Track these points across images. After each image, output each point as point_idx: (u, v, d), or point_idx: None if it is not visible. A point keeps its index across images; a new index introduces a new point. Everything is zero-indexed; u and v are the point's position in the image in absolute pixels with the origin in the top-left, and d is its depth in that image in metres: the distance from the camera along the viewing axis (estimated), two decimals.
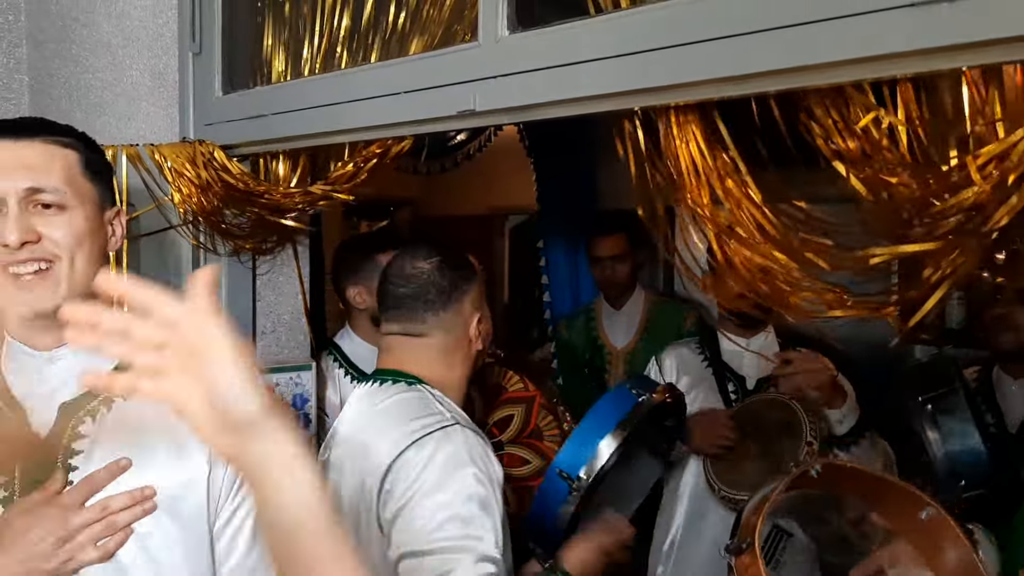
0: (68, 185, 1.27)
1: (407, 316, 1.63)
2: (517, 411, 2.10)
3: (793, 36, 1.13)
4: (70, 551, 1.21)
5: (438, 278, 1.62)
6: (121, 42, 2.30)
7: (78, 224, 1.26)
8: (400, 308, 1.63)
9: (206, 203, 1.89)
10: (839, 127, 1.18)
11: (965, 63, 0.99)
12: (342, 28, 1.85)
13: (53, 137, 1.29)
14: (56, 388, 1.30)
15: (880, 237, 1.11)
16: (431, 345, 1.63)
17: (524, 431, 2.10)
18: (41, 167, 1.25)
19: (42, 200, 1.24)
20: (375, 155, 1.93)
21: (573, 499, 1.72)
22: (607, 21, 1.36)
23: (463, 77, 1.55)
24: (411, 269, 1.64)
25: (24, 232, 1.21)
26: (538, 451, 2.12)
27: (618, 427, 1.78)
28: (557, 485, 1.74)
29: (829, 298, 1.14)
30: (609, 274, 3.21)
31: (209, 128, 2.08)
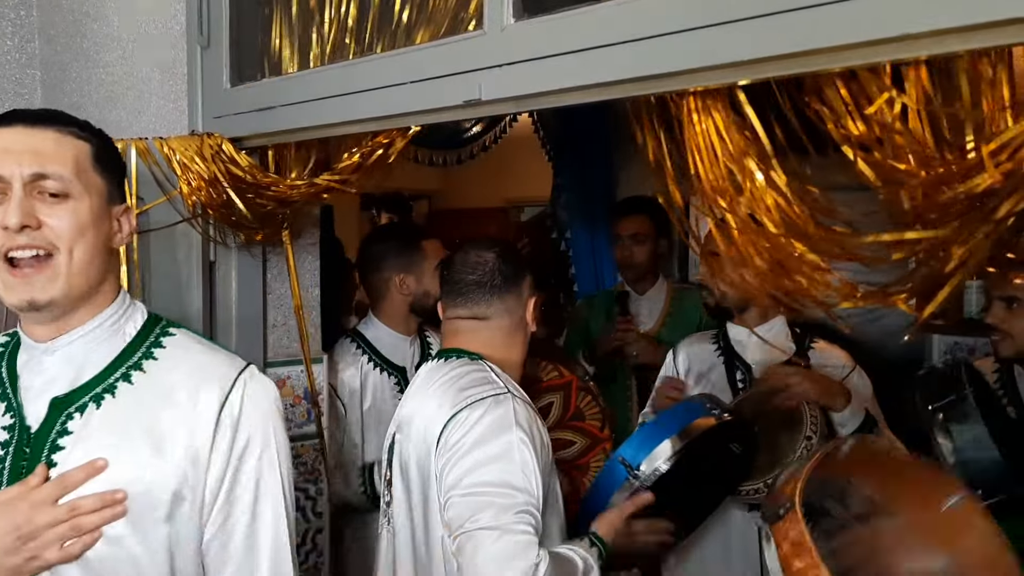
0: (76, 175, 1.26)
1: (474, 301, 1.80)
2: (556, 398, 2.15)
3: (806, 18, 1.11)
4: (34, 549, 1.20)
5: (502, 265, 1.80)
6: (131, 36, 2.30)
7: (81, 215, 1.25)
8: (467, 294, 1.80)
9: (215, 195, 1.89)
10: (850, 110, 1.16)
11: (978, 44, 0.97)
12: (349, 18, 1.84)
13: (68, 127, 1.29)
14: (51, 380, 1.29)
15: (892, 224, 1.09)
16: (495, 327, 1.80)
17: (565, 415, 2.15)
18: (50, 154, 1.24)
19: (47, 188, 1.23)
20: (381, 146, 1.92)
21: (628, 486, 1.82)
22: (613, 7, 1.34)
23: (469, 66, 1.54)
24: (477, 258, 1.81)
25: (25, 216, 1.20)
26: (581, 431, 2.16)
27: (682, 432, 1.88)
28: (616, 471, 1.85)
29: (842, 289, 1.12)
30: (629, 254, 3.21)
31: (218, 121, 2.08)
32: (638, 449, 1.85)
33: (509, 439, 1.58)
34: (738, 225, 1.31)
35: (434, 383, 1.75)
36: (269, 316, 2.27)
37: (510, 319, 1.81)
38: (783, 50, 1.14)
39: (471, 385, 1.67)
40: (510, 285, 1.80)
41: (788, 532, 1.34)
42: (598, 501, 1.85)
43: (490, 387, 1.66)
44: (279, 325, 2.30)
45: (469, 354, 1.77)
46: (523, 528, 1.51)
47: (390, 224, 4.34)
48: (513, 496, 1.53)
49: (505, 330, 1.81)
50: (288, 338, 2.31)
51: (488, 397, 1.63)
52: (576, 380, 2.18)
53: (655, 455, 1.84)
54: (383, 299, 2.57)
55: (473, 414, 1.61)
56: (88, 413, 1.27)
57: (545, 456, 1.64)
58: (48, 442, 1.26)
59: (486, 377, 1.70)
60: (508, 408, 1.62)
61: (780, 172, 1.28)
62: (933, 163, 1.02)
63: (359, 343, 2.57)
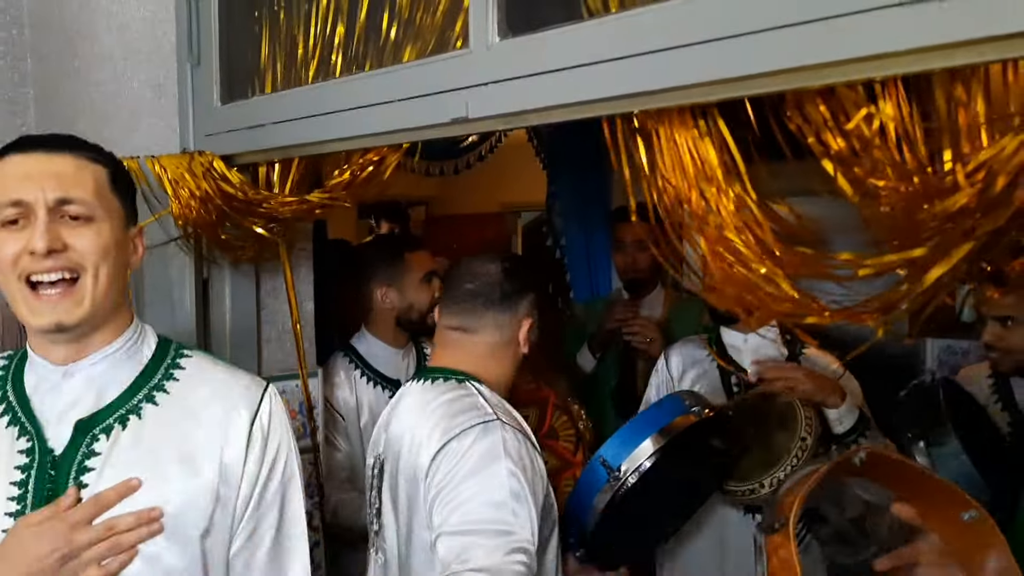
0: (97, 198, 1.29)
1: (466, 311, 1.76)
2: (531, 412, 2.11)
3: (783, 38, 1.12)
4: (73, 569, 1.22)
5: (502, 280, 1.76)
6: (122, 54, 2.31)
7: (105, 237, 1.29)
8: (462, 303, 1.77)
9: (205, 214, 1.90)
10: (829, 125, 1.17)
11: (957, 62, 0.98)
12: (336, 36, 1.85)
13: (85, 152, 1.32)
14: (72, 403, 1.31)
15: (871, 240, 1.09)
16: (483, 341, 1.76)
17: (539, 431, 2.11)
18: (71, 179, 1.27)
19: (70, 212, 1.26)
20: (372, 163, 1.93)
21: (609, 488, 1.79)
22: (598, 25, 1.35)
23: (455, 84, 1.55)
24: (479, 268, 1.79)
25: (52, 240, 1.23)
26: (553, 451, 2.13)
27: (663, 430, 1.86)
28: (597, 473, 1.82)
29: (811, 307, 1.13)
30: (631, 260, 3.20)
31: (209, 139, 2.09)
32: (619, 449, 1.83)
33: (498, 471, 1.54)
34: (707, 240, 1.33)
35: (426, 408, 1.71)
36: (263, 331, 2.28)
37: (500, 336, 1.77)
38: (763, 68, 1.15)
39: (460, 412, 1.64)
40: (505, 301, 1.76)
41: (779, 548, 1.35)
42: (581, 502, 1.83)
43: (477, 413, 1.62)
44: (273, 340, 2.31)
45: (456, 375, 1.74)
46: (514, 568, 1.46)
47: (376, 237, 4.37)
48: (503, 534, 1.49)
49: (493, 346, 1.77)
50: (283, 352, 2.32)
51: (476, 425, 1.59)
52: (553, 396, 2.16)
53: (636, 455, 1.81)
54: (370, 312, 2.58)
55: (462, 444, 1.57)
56: (115, 435, 1.30)
57: (538, 482, 1.60)
58: (75, 465, 1.28)
59: (474, 402, 1.66)
60: (496, 437, 1.58)
61: (751, 190, 1.29)
62: (911, 178, 1.03)
63: (352, 357, 2.58)
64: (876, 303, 1.03)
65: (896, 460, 1.54)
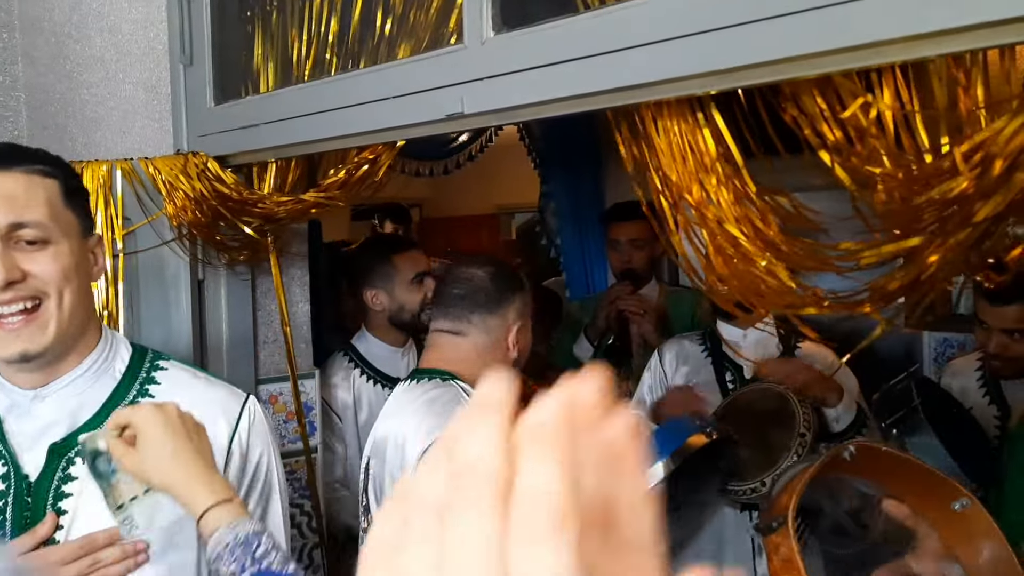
0: (52, 218, 1.20)
1: (455, 315, 1.79)
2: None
3: (776, 28, 1.12)
4: None
5: (489, 284, 1.79)
6: (114, 56, 2.30)
7: (64, 259, 1.21)
8: (450, 307, 1.80)
9: (200, 215, 1.89)
10: (825, 115, 1.17)
11: (951, 49, 0.98)
12: (330, 34, 1.84)
13: (33, 166, 1.22)
14: (45, 427, 1.26)
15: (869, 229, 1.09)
16: (471, 344, 1.78)
17: None
18: (22, 200, 1.18)
19: (25, 236, 1.18)
20: (367, 160, 1.93)
21: None
22: (592, 19, 1.35)
23: (450, 80, 1.54)
24: (466, 273, 1.81)
25: (9, 271, 1.15)
26: None
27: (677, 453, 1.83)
28: None
29: (808, 299, 1.13)
30: (627, 259, 3.18)
31: (202, 139, 2.08)
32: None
33: None
34: (708, 233, 1.32)
35: (408, 406, 1.74)
36: (260, 333, 2.28)
37: (488, 338, 1.79)
38: (757, 59, 1.15)
39: (443, 409, 1.66)
40: (492, 305, 1.79)
41: (779, 547, 1.35)
42: None
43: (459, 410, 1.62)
44: (270, 342, 2.30)
45: (440, 374, 1.77)
46: None
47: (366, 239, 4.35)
48: None
49: (481, 348, 1.79)
50: (279, 355, 2.31)
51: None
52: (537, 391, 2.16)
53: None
54: (367, 313, 2.58)
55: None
56: None
57: None
58: (52, 490, 1.23)
59: (456, 399, 1.69)
60: None
61: (750, 181, 1.28)
62: (908, 165, 1.02)
63: (352, 356, 2.58)
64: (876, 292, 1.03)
65: (886, 452, 1.54)
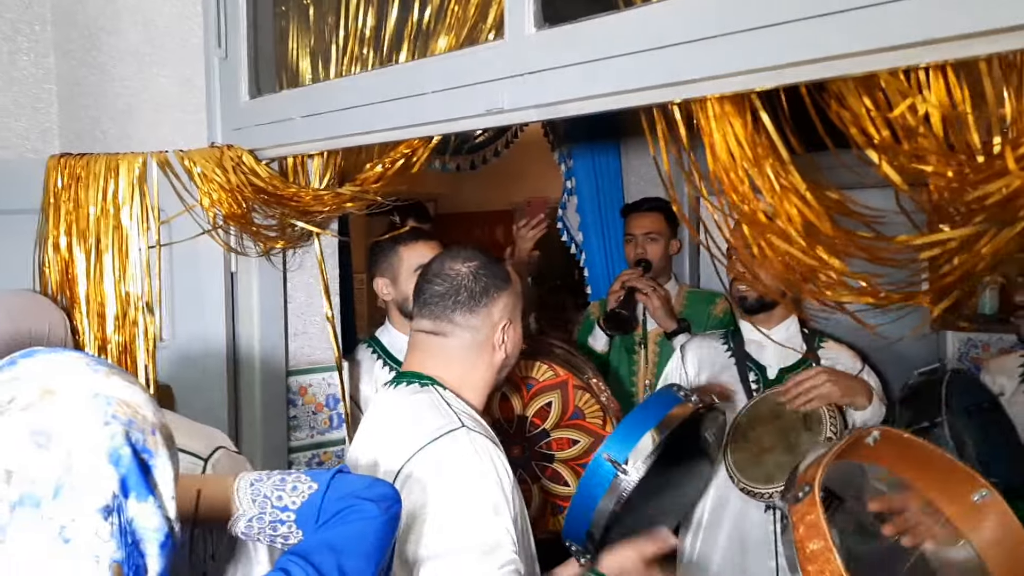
0: None
1: (436, 314, 1.65)
2: (554, 397, 2.13)
3: (822, 25, 1.13)
4: None
5: (471, 281, 1.64)
6: (148, 49, 2.32)
7: None
8: (430, 306, 1.66)
9: (235, 206, 1.91)
10: (871, 114, 1.17)
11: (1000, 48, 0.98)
12: (367, 29, 1.85)
13: None
14: None
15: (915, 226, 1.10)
16: (454, 345, 1.65)
17: (565, 414, 2.13)
18: None
19: None
20: (403, 155, 1.94)
21: (617, 483, 1.73)
22: (634, 15, 1.35)
23: (491, 75, 1.55)
24: (448, 269, 1.66)
25: None
26: (584, 430, 2.15)
27: (663, 423, 1.80)
28: (603, 468, 1.75)
29: (864, 290, 1.13)
30: (641, 252, 3.20)
31: (237, 132, 2.10)
32: (623, 444, 1.77)
33: (470, 485, 1.46)
34: (757, 228, 1.33)
35: (385, 415, 1.66)
36: (290, 325, 2.29)
37: (472, 338, 1.65)
38: (804, 56, 1.15)
39: (421, 421, 1.56)
40: (476, 303, 1.64)
41: (805, 515, 1.36)
42: (585, 504, 1.76)
43: (441, 422, 1.54)
44: (300, 334, 2.32)
45: (420, 379, 1.65)
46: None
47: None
48: (490, 550, 1.41)
49: (465, 349, 1.65)
50: (310, 346, 2.33)
51: (441, 436, 1.51)
52: (572, 378, 2.15)
53: (639, 449, 1.75)
54: (385, 304, 2.60)
55: (428, 461, 1.49)
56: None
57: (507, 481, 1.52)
58: None
59: (437, 409, 1.57)
60: (462, 446, 1.50)
61: (797, 176, 1.29)
62: (958, 163, 1.03)
63: (375, 348, 2.59)
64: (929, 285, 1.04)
65: (908, 439, 1.55)
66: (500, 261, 1.72)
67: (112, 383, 0.92)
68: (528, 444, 2.09)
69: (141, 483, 0.89)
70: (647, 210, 3.24)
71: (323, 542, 1.07)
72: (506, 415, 2.09)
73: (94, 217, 2.06)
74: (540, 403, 2.12)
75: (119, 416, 0.89)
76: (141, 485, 0.89)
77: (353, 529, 1.10)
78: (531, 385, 2.12)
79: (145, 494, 0.89)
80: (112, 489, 0.87)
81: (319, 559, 1.03)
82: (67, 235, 2.06)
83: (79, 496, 0.85)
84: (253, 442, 2.24)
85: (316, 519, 1.12)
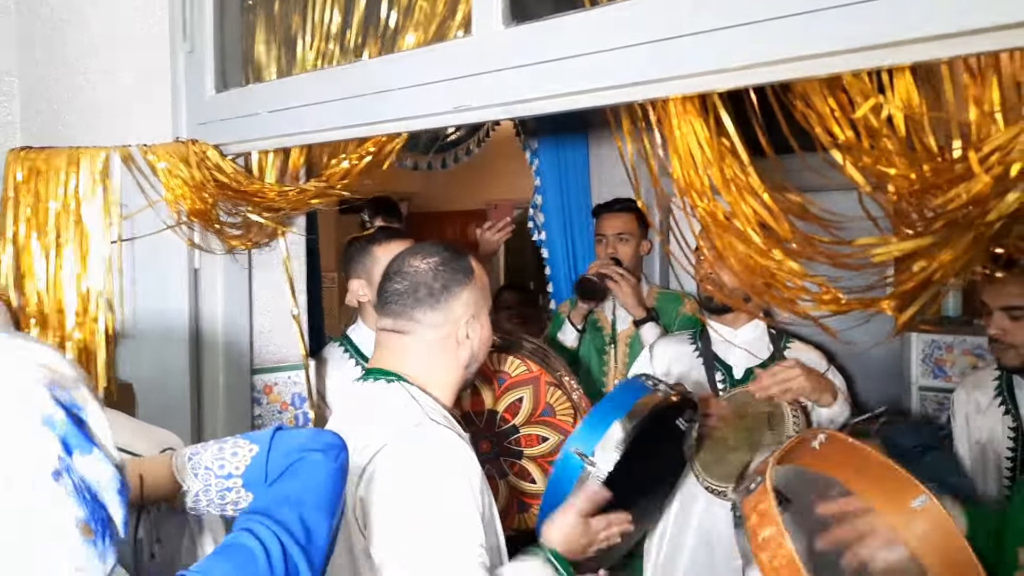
0: None
1: (396, 312, 1.63)
2: (526, 393, 2.12)
3: (789, 26, 1.13)
4: None
5: (430, 278, 1.62)
6: (112, 42, 2.28)
7: None
8: (392, 303, 1.64)
9: (199, 202, 1.88)
10: (836, 115, 1.18)
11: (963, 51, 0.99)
12: (334, 24, 1.84)
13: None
14: None
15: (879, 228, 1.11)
16: (417, 342, 1.63)
17: (536, 411, 2.13)
18: None
19: None
20: (370, 152, 1.92)
21: (585, 475, 1.72)
22: (602, 14, 1.35)
23: (458, 73, 1.54)
24: (407, 267, 1.64)
25: None
26: (554, 427, 2.15)
27: (632, 412, 1.79)
28: (571, 464, 1.74)
29: (823, 296, 1.13)
30: (612, 252, 3.20)
31: (202, 127, 2.07)
32: (589, 436, 1.77)
33: (434, 477, 1.45)
34: (718, 229, 1.33)
35: (351, 413, 1.64)
36: (256, 323, 2.27)
37: (435, 334, 1.62)
38: (766, 58, 1.15)
39: (387, 417, 1.55)
40: (436, 299, 1.62)
41: (757, 504, 1.40)
42: (557, 499, 1.75)
43: (406, 418, 1.53)
44: (265, 332, 2.29)
45: (387, 375, 1.63)
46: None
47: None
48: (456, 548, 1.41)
49: (428, 346, 1.63)
50: (275, 345, 2.30)
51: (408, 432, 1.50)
52: (544, 374, 2.14)
53: (607, 440, 1.74)
54: (359, 304, 2.58)
55: (393, 459, 1.48)
56: None
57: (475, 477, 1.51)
58: None
59: (403, 404, 1.56)
60: (429, 442, 1.49)
61: (755, 177, 1.29)
62: (921, 166, 1.04)
63: (346, 346, 2.57)
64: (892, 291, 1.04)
65: (852, 444, 1.58)
66: (464, 256, 1.69)
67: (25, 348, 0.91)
68: (497, 439, 2.09)
69: (81, 437, 0.88)
70: (618, 210, 3.25)
71: (281, 497, 1.06)
72: (476, 408, 2.09)
73: (55, 212, 2.02)
74: (511, 398, 2.11)
75: (41, 379, 0.88)
76: (81, 439, 0.88)
77: (307, 481, 1.09)
78: (503, 380, 2.11)
79: (88, 446, 0.88)
80: (56, 452, 0.85)
81: (281, 515, 1.03)
82: (27, 229, 2.02)
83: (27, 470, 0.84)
84: None
85: (264, 479, 1.11)
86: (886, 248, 1.03)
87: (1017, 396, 2.39)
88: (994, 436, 2.42)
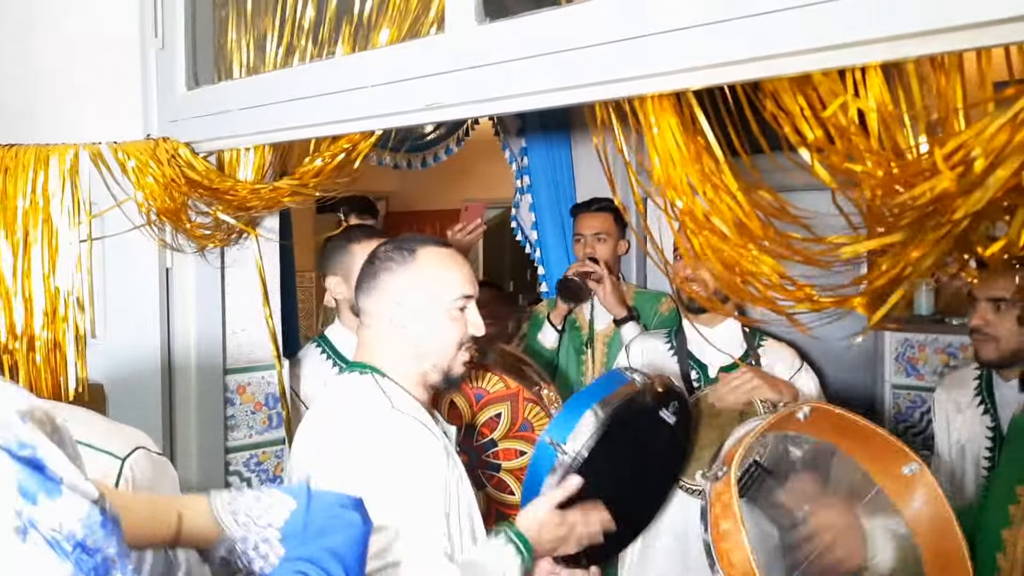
0: None
1: (358, 304, 1.69)
2: (504, 408, 2.12)
3: (760, 24, 1.13)
4: None
5: (366, 265, 1.67)
6: (81, 38, 2.26)
7: None
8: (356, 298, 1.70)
9: (169, 201, 1.86)
10: (805, 114, 1.18)
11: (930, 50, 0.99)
12: (307, 20, 1.82)
13: None
14: None
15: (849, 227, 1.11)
16: (370, 333, 1.67)
17: (514, 426, 2.13)
18: None
19: None
20: (343, 150, 1.91)
21: (559, 464, 1.73)
22: (576, 11, 1.35)
23: (432, 70, 1.54)
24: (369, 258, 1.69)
25: None
26: (532, 441, 2.14)
27: (605, 400, 1.81)
28: (544, 452, 1.76)
29: (797, 294, 1.14)
30: (591, 252, 3.21)
31: (173, 124, 2.05)
32: (563, 425, 1.77)
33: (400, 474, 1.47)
34: (694, 227, 1.33)
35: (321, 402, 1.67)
36: (229, 323, 2.25)
37: (377, 321, 1.64)
38: (737, 56, 1.16)
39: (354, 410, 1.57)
40: (370, 285, 1.64)
41: (721, 494, 1.41)
42: (532, 488, 1.77)
43: (373, 409, 1.55)
44: (238, 332, 2.27)
45: (360, 367, 1.65)
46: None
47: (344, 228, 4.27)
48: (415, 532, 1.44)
49: (376, 334, 1.65)
50: (249, 344, 2.28)
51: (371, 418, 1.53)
52: (523, 391, 2.14)
53: (580, 428, 1.75)
54: (336, 302, 2.56)
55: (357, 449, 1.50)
56: None
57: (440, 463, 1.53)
58: None
59: (371, 396, 1.58)
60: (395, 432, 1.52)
61: (729, 175, 1.30)
62: (888, 163, 1.04)
63: (324, 347, 2.55)
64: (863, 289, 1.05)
65: (839, 415, 1.60)
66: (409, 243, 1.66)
67: None
68: (475, 452, 2.09)
69: (42, 481, 0.76)
70: (596, 210, 3.26)
71: (325, 550, 1.07)
72: (455, 423, 2.09)
73: (22, 210, 1.99)
74: (490, 413, 2.11)
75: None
76: (43, 482, 0.76)
77: (346, 537, 1.11)
78: (480, 396, 2.11)
79: (54, 488, 0.76)
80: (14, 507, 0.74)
81: (328, 565, 1.04)
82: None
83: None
84: (189, 442, 2.19)
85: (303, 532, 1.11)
86: (853, 246, 1.04)
87: (996, 396, 2.40)
88: (973, 436, 2.42)
